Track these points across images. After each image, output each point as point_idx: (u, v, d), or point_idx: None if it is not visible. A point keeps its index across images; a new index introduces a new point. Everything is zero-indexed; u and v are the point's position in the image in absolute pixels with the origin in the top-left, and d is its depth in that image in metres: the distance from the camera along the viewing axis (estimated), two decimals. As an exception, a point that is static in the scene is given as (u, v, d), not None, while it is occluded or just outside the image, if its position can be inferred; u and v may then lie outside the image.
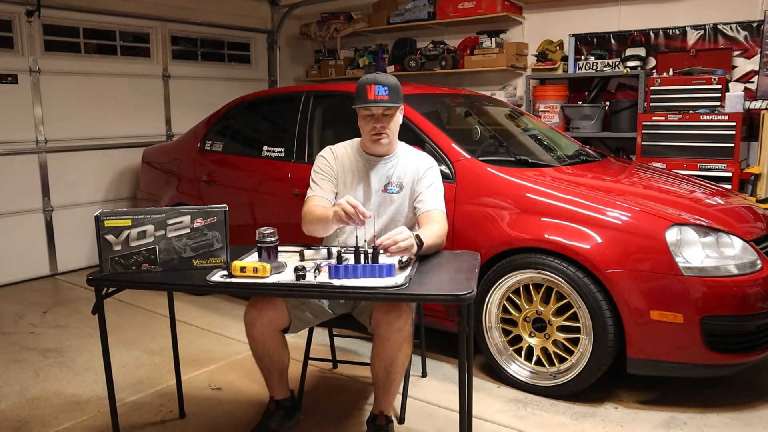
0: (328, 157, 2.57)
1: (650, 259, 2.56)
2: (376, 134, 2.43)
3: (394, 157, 2.54)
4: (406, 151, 2.59)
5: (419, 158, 2.57)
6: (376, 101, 2.36)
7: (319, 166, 2.57)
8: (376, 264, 2.04)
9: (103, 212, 2.13)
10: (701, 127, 4.33)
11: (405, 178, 2.51)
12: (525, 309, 2.84)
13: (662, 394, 2.83)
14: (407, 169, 2.52)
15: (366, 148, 2.54)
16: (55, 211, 5.05)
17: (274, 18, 6.68)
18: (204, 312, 4.05)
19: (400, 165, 2.53)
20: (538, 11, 5.50)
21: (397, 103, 2.41)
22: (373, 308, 2.25)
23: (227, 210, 2.22)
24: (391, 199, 2.50)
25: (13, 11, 4.67)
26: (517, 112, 4.17)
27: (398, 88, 2.41)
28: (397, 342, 2.17)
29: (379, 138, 2.44)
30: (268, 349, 2.35)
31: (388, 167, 2.53)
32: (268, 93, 4.96)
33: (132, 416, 2.70)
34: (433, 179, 2.51)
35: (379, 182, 2.51)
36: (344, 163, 2.55)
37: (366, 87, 2.36)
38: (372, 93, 2.35)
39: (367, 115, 2.42)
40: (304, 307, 2.41)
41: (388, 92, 2.36)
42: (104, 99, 5.26)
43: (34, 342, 3.60)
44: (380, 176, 2.52)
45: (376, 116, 2.40)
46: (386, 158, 2.53)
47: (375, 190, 2.51)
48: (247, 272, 2.05)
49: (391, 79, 2.41)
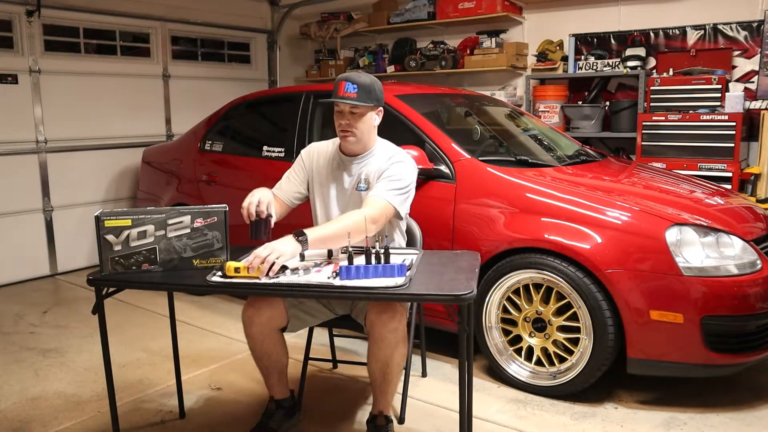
0: (304, 156, 2.58)
1: (650, 259, 2.56)
2: (342, 131, 2.40)
3: (367, 156, 2.48)
4: (383, 150, 2.49)
5: (393, 154, 2.47)
6: (342, 98, 2.32)
7: (294, 164, 2.60)
8: (388, 264, 2.03)
9: (103, 212, 2.12)
10: (701, 127, 4.33)
11: (371, 175, 2.45)
12: (525, 309, 2.84)
13: (662, 394, 2.83)
14: (377, 166, 2.45)
15: (342, 146, 2.51)
16: (55, 211, 5.05)
17: (274, 18, 6.68)
18: (204, 312, 4.05)
19: (372, 163, 2.46)
20: (538, 11, 5.50)
21: (365, 102, 2.34)
22: (367, 309, 2.24)
23: (227, 210, 2.22)
24: (360, 197, 2.45)
25: (13, 11, 4.67)
26: (517, 112, 4.17)
27: (370, 89, 2.35)
28: (392, 342, 2.17)
29: (345, 135, 2.40)
30: (267, 348, 2.35)
31: (361, 166, 2.48)
32: (268, 93, 4.96)
33: (132, 416, 2.70)
34: (393, 171, 2.39)
35: (350, 181, 2.48)
36: (320, 161, 2.54)
37: (338, 83, 2.33)
38: (342, 89, 2.32)
39: (337, 111, 2.40)
40: (302, 306, 2.41)
41: (356, 90, 2.31)
42: (104, 99, 5.26)
43: (34, 342, 3.60)
44: (352, 175, 2.48)
45: (344, 113, 2.37)
46: (359, 157, 2.48)
47: (346, 188, 2.48)
48: (242, 273, 2.05)
49: (364, 78, 2.35)
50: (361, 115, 2.37)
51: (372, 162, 2.47)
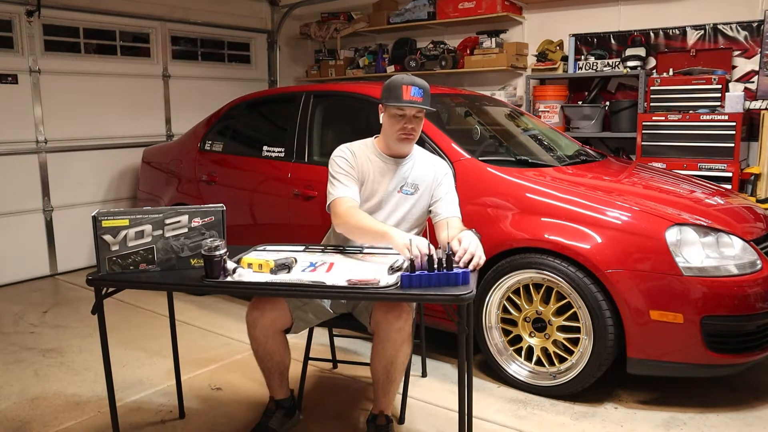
0: (347, 155, 2.52)
1: (650, 259, 2.56)
2: (405, 134, 2.42)
3: (410, 159, 2.54)
4: (421, 154, 2.59)
5: (436, 163, 2.58)
6: (412, 102, 2.35)
7: (339, 164, 2.49)
8: (451, 271, 1.96)
9: (100, 212, 2.12)
10: (701, 127, 4.33)
11: (421, 182, 2.51)
12: (525, 309, 2.84)
13: (662, 394, 2.83)
14: (424, 173, 2.52)
15: (386, 148, 2.51)
16: (55, 211, 5.05)
17: (274, 18, 6.68)
18: (204, 312, 4.04)
19: (417, 167, 2.53)
20: (538, 11, 5.49)
21: (430, 106, 2.42)
22: (373, 308, 2.25)
23: (224, 209, 2.22)
24: (405, 200, 2.50)
25: (13, 11, 4.67)
26: (517, 112, 4.17)
27: (429, 93, 2.42)
28: (397, 342, 2.17)
29: (408, 138, 2.44)
30: (270, 349, 2.35)
31: (405, 169, 2.51)
32: (268, 93, 4.96)
33: (132, 416, 2.70)
34: (450, 186, 2.53)
35: (395, 183, 2.50)
36: (362, 161, 2.52)
37: (402, 87, 2.35)
38: (408, 93, 2.35)
39: (399, 115, 2.39)
40: (306, 307, 2.40)
41: (422, 95, 2.38)
42: (104, 99, 5.25)
43: (34, 342, 3.60)
44: (397, 177, 2.50)
45: (407, 117, 2.40)
46: (403, 159, 2.52)
47: (391, 190, 2.50)
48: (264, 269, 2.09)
49: (423, 82, 2.41)
50: (421, 119, 2.45)
51: (416, 166, 2.53)
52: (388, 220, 2.47)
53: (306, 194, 3.51)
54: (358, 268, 2.19)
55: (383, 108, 2.45)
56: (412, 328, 2.24)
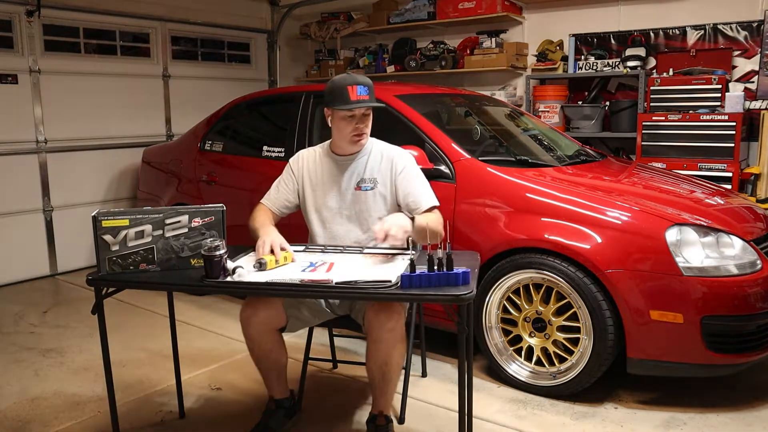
0: (293, 165, 2.57)
1: (650, 259, 2.56)
2: (357, 135, 2.41)
3: (364, 154, 2.49)
4: (376, 146, 2.53)
5: (391, 152, 2.51)
6: (359, 101, 2.33)
7: (283, 174, 2.58)
8: (451, 271, 1.95)
9: (100, 212, 2.12)
10: (701, 127, 4.33)
11: (379, 174, 2.47)
12: (525, 309, 2.84)
13: (662, 394, 2.83)
14: (380, 164, 2.47)
15: (338, 148, 2.50)
16: (55, 211, 5.05)
17: (274, 18, 6.68)
18: (204, 312, 4.04)
19: (372, 160, 2.48)
20: (538, 11, 5.49)
21: (377, 102, 2.41)
22: (365, 309, 2.24)
23: (224, 209, 2.22)
24: (366, 196, 2.46)
25: (13, 11, 4.67)
26: (517, 112, 4.17)
27: (372, 87, 2.40)
28: (390, 342, 2.17)
29: (360, 139, 2.43)
30: (265, 348, 2.35)
31: (359, 164, 2.48)
32: (268, 93, 4.96)
33: (132, 416, 2.70)
34: (415, 173, 2.47)
35: (350, 180, 2.48)
36: (309, 167, 2.53)
37: (347, 87, 2.32)
38: (354, 93, 2.32)
39: (348, 117, 2.38)
40: (301, 306, 2.40)
41: (368, 92, 2.36)
42: (104, 99, 5.25)
43: (34, 342, 3.60)
44: (351, 174, 2.48)
45: (357, 117, 2.38)
46: (356, 156, 2.49)
47: (346, 188, 2.48)
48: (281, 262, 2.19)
49: (366, 78, 2.41)
50: (370, 116, 2.44)
51: (371, 159, 2.49)
52: (352, 218, 2.47)
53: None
54: (359, 267, 2.18)
55: (330, 112, 2.42)
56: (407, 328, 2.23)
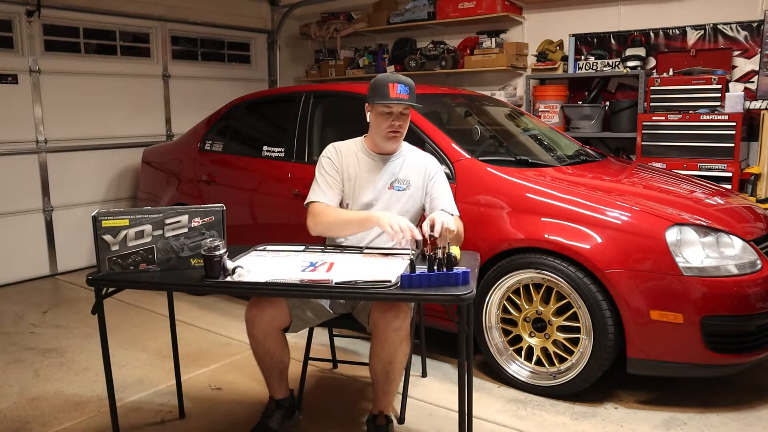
0: (333, 156, 2.55)
1: (650, 259, 2.56)
2: (393, 132, 2.46)
3: (399, 156, 2.57)
4: (411, 150, 2.62)
5: (426, 158, 2.62)
6: (398, 99, 2.39)
7: (324, 166, 2.54)
8: (451, 271, 1.96)
9: (100, 212, 2.12)
10: (701, 127, 4.33)
11: (413, 177, 2.55)
12: (525, 309, 2.84)
13: (662, 394, 2.83)
14: (415, 168, 2.56)
15: (374, 146, 2.55)
16: (55, 211, 5.05)
17: (274, 18, 6.68)
18: (204, 312, 4.04)
19: (407, 163, 2.57)
20: (538, 11, 5.49)
21: (416, 102, 2.46)
22: (371, 308, 2.25)
23: (224, 209, 2.22)
24: (398, 196, 2.53)
25: (13, 11, 4.67)
26: (517, 112, 4.17)
27: (414, 90, 2.46)
28: (395, 342, 2.17)
29: (395, 136, 2.47)
30: (269, 348, 2.35)
31: (394, 165, 2.55)
32: (268, 93, 4.96)
33: (132, 416, 2.70)
34: (444, 183, 2.57)
35: (385, 180, 2.53)
36: (349, 161, 2.55)
37: (388, 84, 2.39)
38: (394, 91, 2.38)
39: (386, 113, 2.43)
40: (305, 306, 2.41)
41: (408, 92, 2.41)
42: (104, 99, 5.25)
43: (34, 342, 3.60)
44: (387, 174, 2.54)
45: (395, 114, 2.43)
46: (392, 156, 2.56)
47: (381, 187, 2.52)
48: None
49: (408, 80, 2.45)
50: (408, 116, 2.49)
51: (405, 162, 2.56)
52: None
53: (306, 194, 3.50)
54: (359, 267, 2.18)
55: (370, 107, 2.48)
56: (411, 328, 2.24)
